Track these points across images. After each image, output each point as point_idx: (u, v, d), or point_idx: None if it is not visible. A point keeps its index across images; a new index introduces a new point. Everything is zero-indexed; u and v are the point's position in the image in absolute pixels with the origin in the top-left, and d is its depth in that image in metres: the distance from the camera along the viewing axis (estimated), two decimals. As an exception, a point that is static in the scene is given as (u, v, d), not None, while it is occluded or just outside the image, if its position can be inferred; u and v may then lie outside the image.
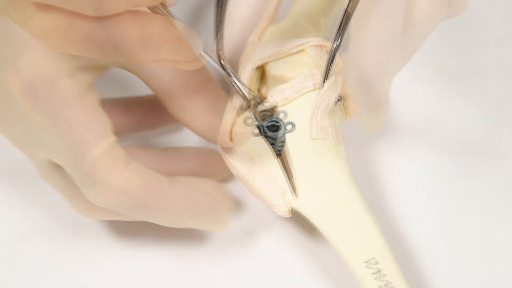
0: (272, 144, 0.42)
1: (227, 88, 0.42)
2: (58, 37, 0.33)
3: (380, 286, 0.36)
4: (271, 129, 0.42)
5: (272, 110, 0.42)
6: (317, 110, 0.41)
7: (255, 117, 0.42)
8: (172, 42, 0.35)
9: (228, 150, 0.41)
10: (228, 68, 0.42)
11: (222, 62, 0.43)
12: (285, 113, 0.42)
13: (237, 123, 0.42)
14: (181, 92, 0.39)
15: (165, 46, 0.35)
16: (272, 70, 0.45)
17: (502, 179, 0.45)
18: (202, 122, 0.40)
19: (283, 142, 0.42)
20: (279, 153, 0.42)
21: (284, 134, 0.42)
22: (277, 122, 0.42)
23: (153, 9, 0.35)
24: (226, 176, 0.44)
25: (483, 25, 0.54)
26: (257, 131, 0.42)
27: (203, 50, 0.39)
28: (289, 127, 0.42)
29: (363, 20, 0.35)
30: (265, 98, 0.43)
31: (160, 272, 0.41)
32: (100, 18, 0.33)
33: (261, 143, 0.41)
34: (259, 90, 0.46)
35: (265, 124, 0.42)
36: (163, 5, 0.36)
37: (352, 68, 0.37)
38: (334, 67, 0.42)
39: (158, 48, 0.35)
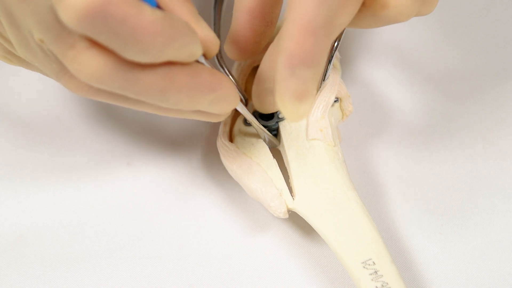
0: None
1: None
2: (104, 78, 0.31)
3: (377, 287, 0.36)
4: (263, 117, 0.42)
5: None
6: (315, 111, 0.41)
7: (255, 116, 0.42)
8: (215, 94, 0.35)
9: (226, 151, 0.41)
10: (225, 68, 0.42)
11: (219, 61, 0.43)
12: None
13: (236, 123, 0.43)
14: None
15: (208, 97, 0.34)
16: (269, 70, 0.45)
17: (500, 179, 0.45)
18: None
19: (277, 130, 0.42)
20: (274, 138, 0.42)
21: (277, 122, 0.42)
22: None
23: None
24: None
25: (483, 25, 0.54)
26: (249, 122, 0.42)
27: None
28: (281, 115, 0.42)
29: None
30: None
31: (158, 273, 0.42)
32: (149, 65, 0.32)
33: (259, 144, 0.41)
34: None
35: (257, 112, 0.42)
36: (205, 57, 0.35)
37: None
38: (331, 68, 0.42)
39: (201, 99, 0.34)
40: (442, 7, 0.52)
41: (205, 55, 0.35)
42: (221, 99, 0.35)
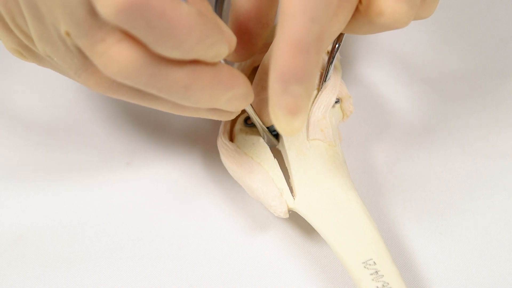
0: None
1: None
2: (133, 72, 0.31)
3: (378, 287, 0.36)
4: None
5: None
6: (316, 111, 0.42)
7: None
8: (233, 92, 0.35)
9: (226, 151, 0.41)
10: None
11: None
12: None
13: (237, 123, 0.43)
14: None
15: (227, 95, 0.34)
16: (269, 70, 0.45)
17: (500, 179, 0.45)
18: None
19: (276, 131, 0.42)
20: (274, 144, 0.42)
21: None
22: None
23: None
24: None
25: (483, 25, 0.54)
26: (250, 121, 0.42)
27: None
28: None
29: None
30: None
31: (158, 273, 0.42)
32: (177, 61, 0.32)
33: (260, 143, 0.41)
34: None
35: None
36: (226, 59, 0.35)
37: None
38: (332, 69, 0.42)
39: (221, 96, 0.34)
40: (441, 8, 0.52)
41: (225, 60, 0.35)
42: (238, 96, 0.35)
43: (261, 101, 0.39)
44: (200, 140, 0.47)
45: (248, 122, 0.42)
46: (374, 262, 0.37)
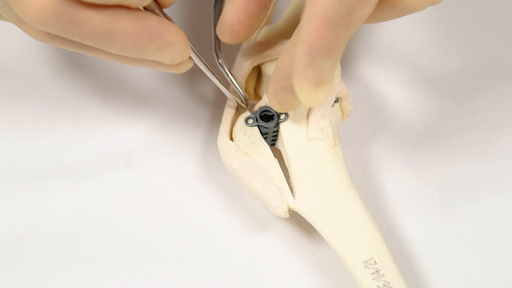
0: (265, 133, 0.42)
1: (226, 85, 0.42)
2: (49, 19, 0.32)
3: (379, 286, 0.36)
4: (264, 118, 0.42)
5: (273, 110, 0.42)
6: (315, 111, 0.42)
7: (255, 117, 0.42)
8: (162, 41, 0.35)
9: (226, 150, 0.41)
10: (225, 67, 0.42)
11: (219, 61, 0.43)
12: (286, 114, 0.42)
13: (237, 122, 0.43)
14: None
15: (155, 43, 0.35)
16: (268, 70, 0.45)
17: (500, 179, 0.45)
18: None
19: (277, 131, 0.42)
20: (273, 143, 0.42)
21: (277, 123, 0.42)
22: (270, 111, 0.42)
23: (148, 9, 0.35)
24: None
25: (483, 25, 0.54)
26: (250, 121, 0.42)
27: (195, 54, 0.39)
28: (282, 116, 0.42)
29: None
30: (260, 98, 0.43)
31: (158, 273, 0.42)
32: (96, 6, 0.33)
33: (260, 142, 0.41)
34: (255, 90, 0.46)
35: (258, 113, 0.42)
36: (158, 5, 0.36)
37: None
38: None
39: (148, 45, 0.35)
40: (442, 7, 0.53)
41: (159, 4, 0.36)
42: (169, 46, 0.35)
43: (284, 88, 0.39)
44: (200, 140, 0.47)
45: (248, 122, 0.42)
46: (375, 262, 0.37)
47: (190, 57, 0.38)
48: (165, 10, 0.36)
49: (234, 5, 0.39)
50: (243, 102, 0.43)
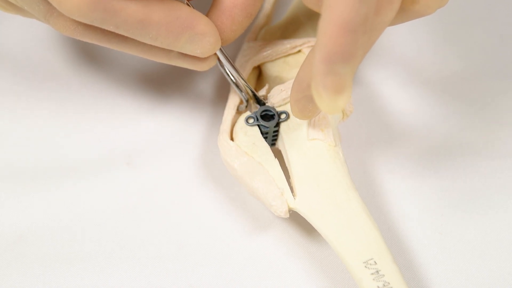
0: (266, 133, 0.42)
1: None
2: (86, 9, 0.34)
3: (379, 286, 0.36)
4: (264, 118, 0.42)
5: (274, 110, 0.42)
6: (315, 111, 0.42)
7: (256, 117, 0.42)
8: (194, 31, 0.36)
9: (227, 150, 0.41)
10: (225, 68, 0.42)
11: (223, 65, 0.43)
12: (287, 114, 0.42)
13: (238, 122, 0.43)
14: None
15: (187, 33, 0.35)
16: (269, 70, 0.45)
17: (500, 180, 0.45)
18: None
19: (277, 131, 0.42)
20: (274, 143, 0.42)
21: (278, 123, 0.42)
22: (270, 111, 0.42)
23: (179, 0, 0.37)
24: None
25: (483, 25, 0.54)
26: (251, 121, 0.42)
27: (220, 49, 0.39)
28: (283, 116, 0.42)
29: None
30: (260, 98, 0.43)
31: (158, 273, 0.41)
32: None
33: (261, 143, 0.41)
34: (255, 90, 0.46)
35: (258, 113, 0.42)
36: None
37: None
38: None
39: (180, 34, 0.35)
40: (442, 8, 0.53)
41: None
42: (200, 37, 0.36)
43: (305, 98, 0.39)
44: (200, 140, 0.47)
45: (249, 121, 0.42)
46: (375, 262, 0.37)
47: (215, 54, 0.39)
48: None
49: (219, 8, 0.40)
50: (258, 102, 0.43)
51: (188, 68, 0.41)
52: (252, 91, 0.42)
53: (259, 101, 0.43)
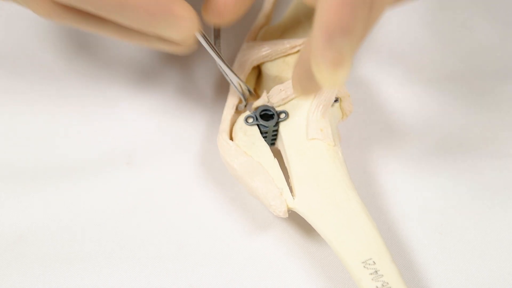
0: (265, 133, 0.42)
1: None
2: None
3: (377, 287, 0.36)
4: (264, 118, 0.42)
5: (273, 110, 0.42)
6: (315, 110, 0.42)
7: (255, 116, 0.42)
8: (172, 14, 0.35)
9: (226, 149, 0.41)
10: (227, 65, 0.42)
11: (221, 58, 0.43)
12: (286, 113, 0.42)
13: (237, 122, 0.43)
14: None
15: (165, 15, 0.35)
16: (268, 70, 0.45)
17: (500, 180, 0.45)
18: None
19: (277, 131, 0.42)
20: (273, 143, 0.42)
21: (277, 123, 0.42)
22: (270, 110, 0.42)
23: None
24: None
25: (483, 25, 0.54)
26: (250, 120, 0.42)
27: (203, 38, 0.39)
28: (282, 115, 0.42)
29: None
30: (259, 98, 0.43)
31: (158, 273, 0.42)
32: None
33: (260, 142, 0.41)
34: (255, 90, 0.46)
35: (257, 112, 0.42)
36: None
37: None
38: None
39: (158, 16, 0.35)
40: (442, 8, 0.53)
41: None
42: (178, 20, 0.36)
43: (306, 73, 0.38)
44: (200, 140, 0.47)
45: (248, 121, 0.42)
46: (374, 262, 0.37)
47: (195, 39, 0.39)
48: None
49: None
50: (249, 93, 0.43)
51: (169, 52, 0.40)
52: (240, 79, 0.42)
53: (250, 91, 0.43)
